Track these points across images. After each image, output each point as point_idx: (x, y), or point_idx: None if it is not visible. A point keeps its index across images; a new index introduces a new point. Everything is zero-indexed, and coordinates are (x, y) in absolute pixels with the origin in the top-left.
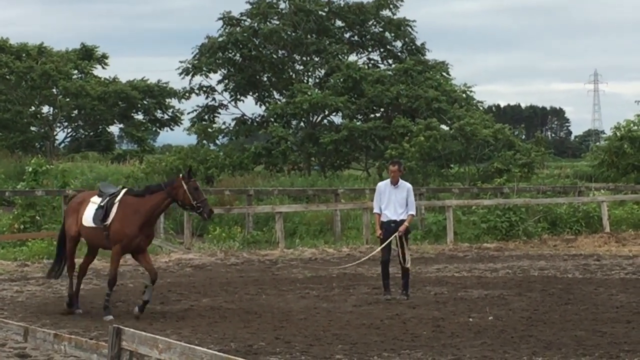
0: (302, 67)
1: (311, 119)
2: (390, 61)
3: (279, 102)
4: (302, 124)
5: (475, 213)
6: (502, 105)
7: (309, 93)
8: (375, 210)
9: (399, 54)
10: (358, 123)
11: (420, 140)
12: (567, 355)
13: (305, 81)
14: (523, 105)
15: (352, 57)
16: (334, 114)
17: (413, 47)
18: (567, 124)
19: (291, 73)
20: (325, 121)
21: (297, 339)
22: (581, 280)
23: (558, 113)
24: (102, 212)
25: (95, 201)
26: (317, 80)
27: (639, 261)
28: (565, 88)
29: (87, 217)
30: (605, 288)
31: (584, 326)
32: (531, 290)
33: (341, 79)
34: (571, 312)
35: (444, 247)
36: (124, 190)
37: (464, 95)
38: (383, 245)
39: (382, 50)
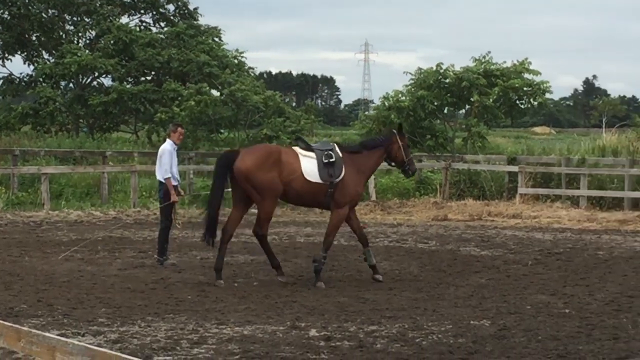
0: (72, 28)
1: (81, 80)
2: (162, 24)
3: (48, 63)
4: (71, 85)
5: None
6: (273, 72)
7: (79, 54)
8: (169, 175)
9: (172, 17)
10: (128, 86)
11: (190, 105)
12: (329, 320)
13: (75, 42)
14: (294, 73)
15: (124, 19)
16: (103, 76)
17: (186, 11)
18: (337, 93)
19: (61, 33)
20: (95, 83)
21: (60, 302)
22: (346, 247)
23: (329, 81)
24: (334, 169)
25: (308, 155)
26: (88, 42)
27: (403, 229)
28: (337, 57)
29: (311, 172)
30: None
31: (347, 292)
32: (297, 256)
33: (112, 41)
34: (335, 279)
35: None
36: (335, 145)
37: (235, 61)
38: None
39: (154, 13)
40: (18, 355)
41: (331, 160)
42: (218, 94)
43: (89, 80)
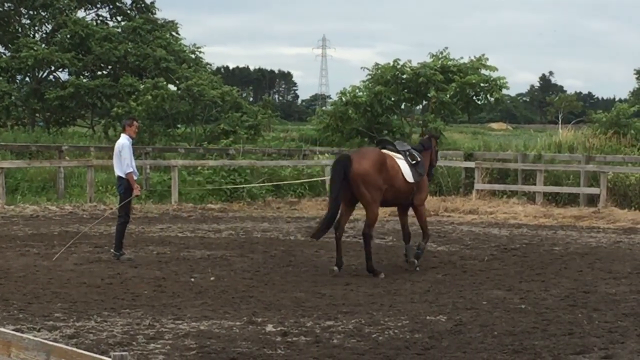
0: (28, 22)
1: (37, 74)
2: (119, 18)
3: (3, 56)
4: (27, 79)
5: (200, 174)
6: (231, 67)
7: (35, 48)
8: (132, 169)
9: (129, 11)
10: (85, 80)
11: (147, 99)
12: (286, 316)
13: (31, 36)
14: (252, 68)
15: (81, 13)
16: (60, 70)
17: (143, 5)
18: (294, 88)
19: (17, 27)
20: (51, 77)
21: (16, 297)
22: (303, 242)
23: (286, 77)
24: (419, 168)
25: (399, 157)
26: (44, 36)
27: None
28: (294, 52)
29: (407, 174)
30: (326, 251)
31: (304, 288)
32: (253, 251)
33: (68, 35)
34: (292, 274)
35: (168, 207)
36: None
37: (193, 55)
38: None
39: (111, 7)
40: None
41: (419, 160)
42: (175, 88)
43: (45, 74)
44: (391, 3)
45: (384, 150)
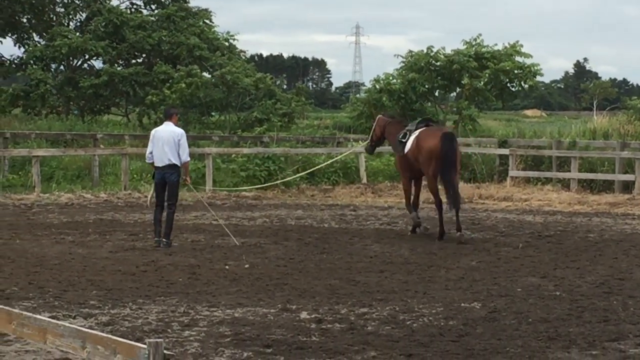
0: (63, 10)
1: (71, 62)
2: (153, 7)
3: (38, 45)
4: (62, 67)
5: (235, 161)
6: (264, 55)
7: (69, 37)
8: (189, 157)
9: None
10: (119, 68)
11: (181, 87)
12: (320, 303)
13: (66, 24)
14: (285, 56)
15: (115, 2)
16: (94, 58)
17: None
18: (328, 75)
19: (52, 15)
20: (85, 65)
21: (51, 284)
22: (337, 230)
23: (320, 64)
24: None
25: None
26: (78, 24)
27: (394, 212)
28: (328, 39)
29: None
30: (360, 238)
31: (338, 275)
32: (287, 239)
33: (102, 24)
34: (326, 261)
35: (202, 194)
36: None
37: (226, 43)
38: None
39: None
40: (10, 338)
41: None
42: (209, 76)
43: (79, 62)
44: None
45: None
